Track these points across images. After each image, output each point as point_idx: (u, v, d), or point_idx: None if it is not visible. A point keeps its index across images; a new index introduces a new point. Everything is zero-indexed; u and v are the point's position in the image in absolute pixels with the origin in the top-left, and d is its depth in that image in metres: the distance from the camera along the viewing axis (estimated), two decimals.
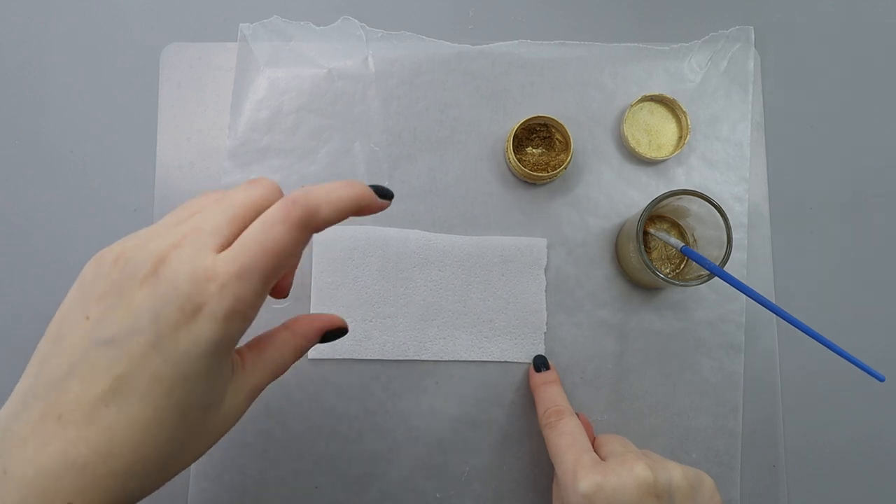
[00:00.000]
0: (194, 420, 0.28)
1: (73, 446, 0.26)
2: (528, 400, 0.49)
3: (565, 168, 0.48)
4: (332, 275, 0.49)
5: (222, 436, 0.30)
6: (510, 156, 0.49)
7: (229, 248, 0.27)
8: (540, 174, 0.48)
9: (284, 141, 0.51)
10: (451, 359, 0.49)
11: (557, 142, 0.50)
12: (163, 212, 0.50)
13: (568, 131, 0.49)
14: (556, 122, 0.49)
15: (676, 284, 0.43)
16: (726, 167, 0.51)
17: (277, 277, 0.28)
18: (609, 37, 0.52)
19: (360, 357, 0.48)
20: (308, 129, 0.51)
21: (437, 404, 0.49)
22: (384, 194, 0.32)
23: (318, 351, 0.48)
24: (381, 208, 0.32)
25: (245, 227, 0.28)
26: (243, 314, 0.27)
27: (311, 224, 0.29)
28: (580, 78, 0.52)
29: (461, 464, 0.48)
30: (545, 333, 0.49)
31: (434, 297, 0.49)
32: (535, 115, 0.49)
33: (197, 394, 0.28)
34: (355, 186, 0.30)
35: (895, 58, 0.53)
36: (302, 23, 0.52)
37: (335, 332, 0.36)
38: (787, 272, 0.50)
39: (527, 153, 0.50)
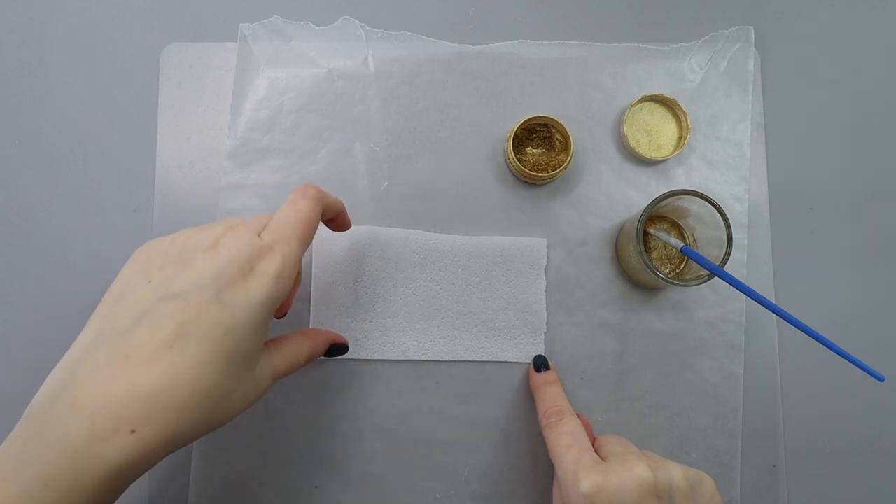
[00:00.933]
0: (237, 371, 0.33)
1: (139, 380, 0.30)
2: (528, 400, 0.49)
3: (565, 168, 0.48)
4: (332, 275, 0.49)
5: (248, 405, 0.35)
6: (510, 156, 0.49)
7: (267, 227, 0.36)
8: (540, 174, 0.48)
9: (284, 141, 0.51)
10: (451, 359, 0.49)
11: (557, 142, 0.50)
12: (163, 212, 0.50)
13: (568, 131, 0.49)
14: (556, 122, 0.49)
15: (676, 284, 0.43)
16: (726, 167, 0.51)
17: (308, 243, 0.37)
18: (609, 37, 0.52)
19: (359, 357, 0.48)
20: (308, 129, 0.51)
21: (436, 404, 0.49)
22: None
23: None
24: (347, 227, 0.44)
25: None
26: (288, 275, 0.34)
27: (321, 198, 0.38)
28: (580, 78, 0.52)
29: (461, 464, 0.48)
30: (545, 333, 0.49)
31: (434, 297, 0.49)
32: (535, 115, 0.49)
33: (246, 344, 0.33)
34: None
35: (895, 56, 0.53)
36: (302, 23, 0.52)
37: (339, 347, 0.45)
38: (787, 272, 0.50)
39: (527, 153, 0.50)
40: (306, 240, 0.36)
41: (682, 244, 0.44)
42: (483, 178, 0.51)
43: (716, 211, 0.43)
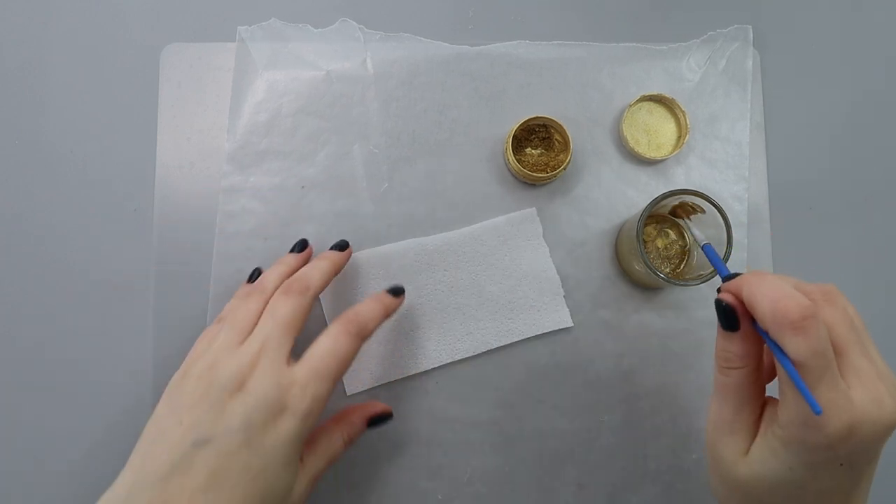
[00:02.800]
0: None
1: None
2: (528, 400, 0.48)
3: (564, 169, 0.48)
4: (344, 304, 0.49)
5: None
6: (509, 157, 0.49)
7: (303, 360, 0.37)
8: (539, 175, 0.48)
9: (283, 143, 0.51)
10: (484, 350, 0.48)
11: (556, 142, 0.50)
12: (163, 212, 0.50)
13: (567, 132, 0.49)
14: (556, 122, 0.49)
15: (676, 284, 0.43)
16: (725, 166, 0.51)
17: (340, 378, 0.38)
18: (607, 36, 0.53)
19: (398, 377, 0.48)
20: (307, 132, 0.51)
21: (437, 405, 0.48)
22: (398, 292, 0.44)
23: (359, 384, 0.48)
24: (400, 304, 0.44)
25: (297, 332, 0.39)
26: (316, 411, 0.36)
27: (363, 334, 0.40)
28: (579, 78, 0.52)
29: (463, 465, 0.48)
30: (565, 297, 0.49)
31: (448, 296, 0.49)
32: (534, 115, 0.49)
33: (277, 481, 0.35)
34: (383, 300, 0.42)
35: (894, 56, 0.53)
36: (300, 25, 0.52)
37: (381, 416, 0.44)
38: (787, 272, 0.50)
39: (526, 154, 0.50)
40: (339, 376, 0.38)
41: (706, 241, 0.42)
42: (482, 179, 0.51)
43: (716, 210, 0.42)
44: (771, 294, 0.29)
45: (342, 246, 0.47)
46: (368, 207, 0.50)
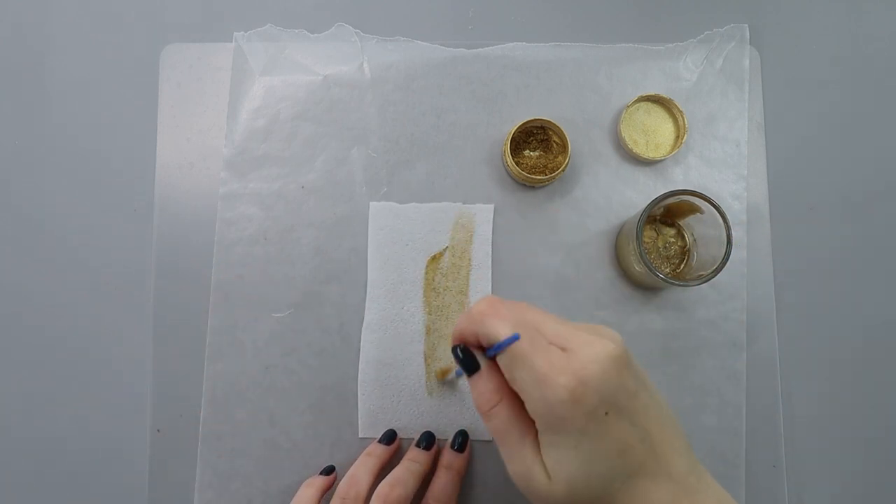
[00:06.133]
0: None
1: None
2: None
3: (563, 170, 0.48)
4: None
5: None
6: (508, 159, 0.49)
7: None
8: (538, 177, 0.48)
9: (282, 149, 0.51)
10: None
11: (555, 144, 0.50)
12: (163, 212, 0.51)
13: (565, 133, 0.49)
14: (554, 124, 0.49)
15: (676, 284, 0.43)
16: (724, 165, 0.51)
17: None
18: (604, 37, 0.52)
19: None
20: (305, 137, 0.51)
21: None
22: (391, 438, 0.47)
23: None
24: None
25: None
26: None
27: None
28: (576, 80, 0.52)
29: None
30: None
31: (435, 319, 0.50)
32: (532, 117, 0.49)
33: None
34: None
35: (894, 55, 0.53)
36: (296, 30, 0.52)
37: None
38: (787, 271, 0.50)
39: (524, 156, 0.50)
40: None
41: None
42: (481, 182, 0.51)
43: (715, 210, 0.42)
44: (465, 314, 0.35)
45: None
46: (368, 212, 0.50)
